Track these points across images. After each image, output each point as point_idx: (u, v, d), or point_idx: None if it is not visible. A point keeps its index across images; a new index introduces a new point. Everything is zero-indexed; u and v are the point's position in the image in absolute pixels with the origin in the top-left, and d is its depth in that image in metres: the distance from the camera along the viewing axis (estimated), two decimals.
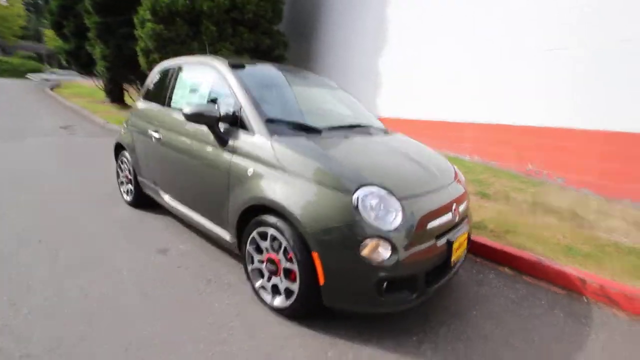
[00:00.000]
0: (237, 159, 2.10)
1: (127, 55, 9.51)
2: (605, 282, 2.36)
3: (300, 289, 1.78)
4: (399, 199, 1.72)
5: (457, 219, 1.98)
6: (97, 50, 10.59)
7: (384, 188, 1.73)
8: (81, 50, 12.65)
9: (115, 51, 10.20)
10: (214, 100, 2.40)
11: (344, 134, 2.29)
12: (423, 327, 1.93)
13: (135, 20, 8.92)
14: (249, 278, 2.11)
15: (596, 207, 3.76)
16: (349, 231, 1.64)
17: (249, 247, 2.05)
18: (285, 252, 1.83)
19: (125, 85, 12.29)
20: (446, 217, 1.89)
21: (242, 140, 2.11)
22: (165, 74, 3.09)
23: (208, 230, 2.46)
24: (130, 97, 12.24)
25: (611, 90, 4.08)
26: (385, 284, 1.66)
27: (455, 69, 5.80)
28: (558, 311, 2.19)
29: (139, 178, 3.27)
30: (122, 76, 11.02)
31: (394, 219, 1.68)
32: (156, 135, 2.85)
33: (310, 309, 1.85)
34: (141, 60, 8.83)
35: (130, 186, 3.44)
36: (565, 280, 2.47)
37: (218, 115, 2.12)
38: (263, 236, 1.96)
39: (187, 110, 2.13)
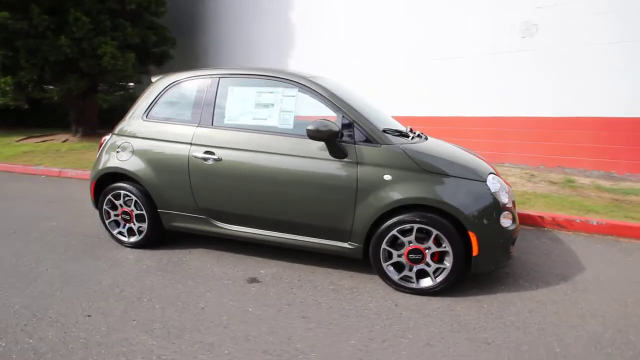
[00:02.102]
0: (365, 169, 2.23)
1: None
2: (551, 214, 3.68)
3: (454, 265, 2.17)
4: None
5: None
6: None
7: (494, 174, 2.31)
8: None
9: None
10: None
11: (415, 136, 2.69)
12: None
13: None
14: (384, 276, 2.31)
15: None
16: (492, 209, 2.15)
17: (385, 246, 2.26)
18: (437, 239, 2.18)
19: None
20: None
21: (369, 151, 2.25)
22: (189, 90, 2.71)
23: (311, 246, 2.46)
24: None
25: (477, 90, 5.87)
26: (511, 244, 2.27)
27: (360, 74, 6.80)
28: (539, 237, 3.34)
29: (161, 210, 2.75)
30: None
31: (507, 196, 2.29)
32: (213, 156, 2.51)
33: (457, 281, 2.26)
34: None
35: (136, 224, 2.82)
36: (531, 219, 3.69)
37: (338, 130, 2.20)
38: (405, 233, 2.22)
39: (312, 127, 2.14)
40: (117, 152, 2.80)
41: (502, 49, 5.53)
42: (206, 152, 2.52)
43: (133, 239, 2.88)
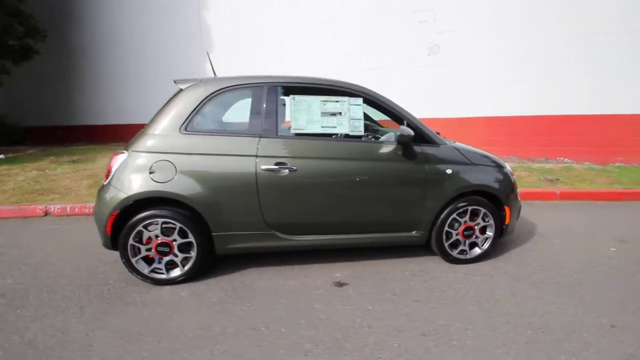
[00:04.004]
0: (431, 166, 2.61)
1: None
2: (563, 190, 4.84)
3: (495, 233, 2.79)
4: None
5: None
6: None
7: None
8: None
9: None
10: (365, 123, 2.60)
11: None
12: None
13: None
14: (445, 254, 2.75)
15: None
16: (512, 188, 2.86)
17: (447, 229, 2.71)
18: (484, 215, 2.75)
19: None
20: None
21: (432, 151, 2.64)
22: (240, 99, 2.52)
23: (384, 241, 2.71)
24: None
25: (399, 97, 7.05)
26: (519, 210, 3.07)
27: None
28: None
29: (216, 234, 2.43)
30: None
31: (514, 177, 3.08)
32: (287, 167, 2.39)
33: (494, 246, 2.89)
34: None
35: (179, 255, 2.41)
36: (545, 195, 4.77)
37: (414, 135, 2.51)
38: (462, 214, 2.72)
39: (406, 133, 2.42)
40: (151, 172, 2.32)
41: (417, 64, 6.75)
42: (277, 164, 2.41)
43: (176, 273, 2.45)
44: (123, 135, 9.01)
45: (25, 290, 2.41)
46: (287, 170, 2.42)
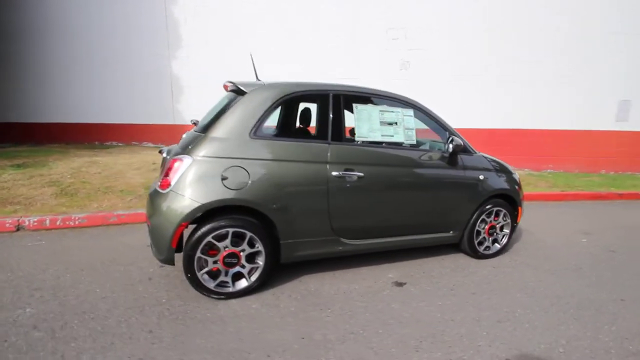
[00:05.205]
0: (468, 172, 2.92)
1: None
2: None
3: (511, 231, 3.22)
4: None
5: None
6: None
7: None
8: None
9: None
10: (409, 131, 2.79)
11: None
12: None
13: None
14: (474, 250, 3.08)
15: None
16: (520, 191, 3.32)
17: (478, 228, 3.05)
18: (505, 215, 3.15)
19: None
20: None
21: (468, 159, 2.95)
22: (305, 105, 2.48)
23: (427, 241, 2.94)
24: None
25: None
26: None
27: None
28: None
29: (285, 242, 2.38)
30: None
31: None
32: (355, 173, 2.44)
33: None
34: None
35: (247, 266, 2.31)
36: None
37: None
38: (489, 215, 3.08)
39: (459, 143, 2.72)
40: (223, 179, 2.17)
41: (389, 77, 7.25)
42: (346, 170, 2.47)
43: (243, 285, 2.32)
44: (70, 135, 7.83)
45: (62, 319, 2.04)
46: (355, 177, 2.49)
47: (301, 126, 3.22)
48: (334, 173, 2.43)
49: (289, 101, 2.50)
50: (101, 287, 2.43)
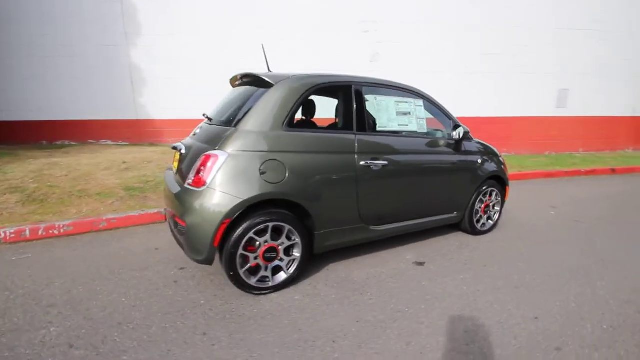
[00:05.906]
0: (469, 157, 3.18)
1: None
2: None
3: (501, 208, 3.58)
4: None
5: None
6: None
7: None
8: None
9: None
10: (421, 121, 2.96)
11: None
12: None
13: None
14: (473, 228, 3.38)
15: None
16: (506, 169, 3.70)
17: (477, 207, 3.35)
18: (497, 195, 3.49)
19: None
20: None
21: (468, 144, 3.20)
22: (329, 97, 2.53)
23: (436, 223, 3.15)
24: None
25: None
26: None
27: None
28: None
29: (318, 232, 2.41)
30: None
31: None
32: (380, 162, 2.53)
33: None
34: None
35: (285, 259, 2.31)
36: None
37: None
38: (485, 195, 3.39)
39: (466, 130, 2.91)
40: (262, 173, 2.13)
41: (360, 69, 7.42)
42: (372, 159, 2.55)
43: (282, 278, 2.32)
44: (11, 135, 6.84)
45: (98, 334, 1.88)
46: (380, 165, 2.59)
47: (304, 118, 3.27)
48: (362, 163, 2.51)
49: (316, 93, 2.50)
50: (125, 295, 2.26)
